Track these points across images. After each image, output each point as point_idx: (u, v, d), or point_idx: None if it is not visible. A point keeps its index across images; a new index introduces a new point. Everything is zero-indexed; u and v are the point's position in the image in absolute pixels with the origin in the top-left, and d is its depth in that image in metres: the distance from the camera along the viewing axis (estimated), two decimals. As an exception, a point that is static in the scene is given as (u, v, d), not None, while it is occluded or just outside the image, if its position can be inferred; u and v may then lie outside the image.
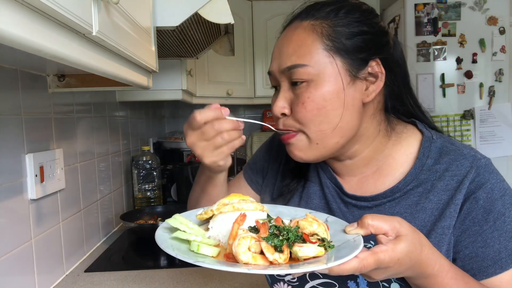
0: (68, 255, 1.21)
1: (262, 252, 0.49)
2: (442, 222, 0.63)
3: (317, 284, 0.70)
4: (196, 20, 1.07)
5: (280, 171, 0.83)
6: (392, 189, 0.67)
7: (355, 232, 0.53)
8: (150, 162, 1.83)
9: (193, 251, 0.51)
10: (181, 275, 1.18)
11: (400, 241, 0.51)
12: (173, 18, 0.95)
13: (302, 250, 0.49)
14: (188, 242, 0.54)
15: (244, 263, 0.47)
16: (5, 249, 0.90)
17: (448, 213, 0.63)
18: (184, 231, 0.54)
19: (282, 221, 0.55)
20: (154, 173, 1.85)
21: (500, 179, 0.64)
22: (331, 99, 0.63)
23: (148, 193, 1.85)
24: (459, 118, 2.65)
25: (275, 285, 0.75)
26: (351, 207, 0.71)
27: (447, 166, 0.65)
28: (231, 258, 0.50)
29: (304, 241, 0.51)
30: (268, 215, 0.58)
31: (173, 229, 0.56)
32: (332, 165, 0.74)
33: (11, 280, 0.91)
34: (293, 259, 0.50)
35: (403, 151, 0.70)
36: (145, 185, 1.84)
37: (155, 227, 1.44)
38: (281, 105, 0.66)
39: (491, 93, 2.62)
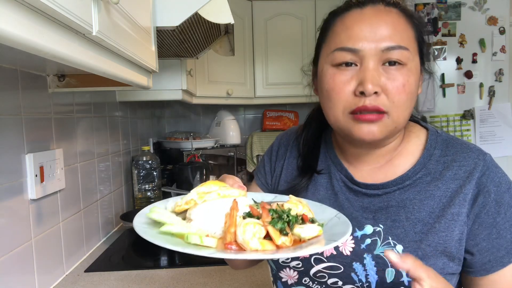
0: (68, 255, 1.21)
1: (265, 237, 0.49)
2: (452, 208, 0.65)
3: (322, 268, 0.70)
4: (196, 20, 1.07)
5: (285, 166, 0.84)
6: (402, 176, 0.70)
7: (395, 258, 0.53)
8: (150, 162, 1.84)
9: (192, 243, 0.48)
10: (181, 275, 1.18)
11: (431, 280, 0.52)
12: (173, 18, 0.95)
13: (305, 230, 0.50)
14: (173, 235, 0.51)
15: (253, 250, 0.47)
16: (5, 249, 0.90)
17: (457, 201, 0.65)
18: (172, 224, 0.51)
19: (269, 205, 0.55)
20: (154, 173, 1.85)
21: (504, 173, 0.68)
22: (417, 87, 0.67)
23: (148, 193, 1.85)
24: (459, 118, 2.65)
25: (281, 271, 0.76)
26: (361, 196, 0.72)
27: (454, 157, 0.69)
28: (232, 247, 0.49)
29: (303, 222, 0.52)
30: (253, 200, 0.58)
31: (153, 222, 0.53)
32: (351, 152, 0.75)
33: (11, 280, 0.91)
34: (294, 241, 0.50)
35: (412, 143, 0.73)
36: (145, 185, 1.84)
37: (155, 227, 1.44)
38: (377, 83, 0.62)
39: (491, 93, 2.62)
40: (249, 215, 0.52)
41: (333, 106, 0.67)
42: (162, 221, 0.52)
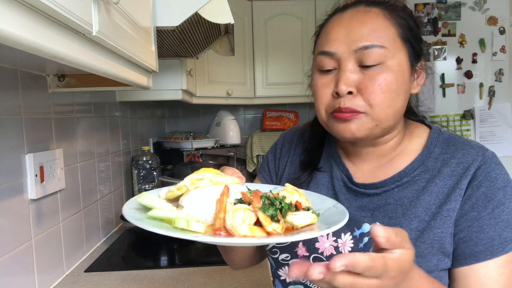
0: (68, 255, 1.21)
1: (255, 223, 0.47)
2: (447, 205, 0.65)
3: None
4: (196, 20, 1.07)
5: (288, 164, 0.85)
6: (400, 173, 0.70)
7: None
8: (150, 162, 1.84)
9: (179, 228, 0.46)
10: (181, 275, 1.18)
11: (406, 253, 0.47)
12: (173, 18, 0.95)
13: (298, 218, 0.48)
14: (161, 220, 0.49)
15: (242, 236, 0.45)
16: (5, 249, 0.90)
17: (453, 196, 0.65)
18: (160, 208, 0.50)
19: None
20: (154, 173, 1.85)
21: (504, 171, 0.66)
22: (401, 84, 0.66)
23: (148, 193, 1.84)
24: (459, 118, 2.65)
25: (280, 269, 0.77)
26: (360, 195, 0.72)
27: (454, 154, 0.69)
28: (221, 233, 0.47)
29: (296, 209, 0.51)
30: (247, 188, 0.56)
31: (143, 208, 0.52)
32: (352, 151, 0.76)
33: (11, 280, 0.91)
34: (286, 229, 0.48)
35: (414, 142, 0.74)
36: (145, 185, 1.84)
37: (155, 227, 1.44)
38: (350, 84, 0.64)
39: (491, 93, 2.62)
40: (240, 201, 0.51)
41: (317, 108, 0.70)
42: (151, 206, 0.51)
